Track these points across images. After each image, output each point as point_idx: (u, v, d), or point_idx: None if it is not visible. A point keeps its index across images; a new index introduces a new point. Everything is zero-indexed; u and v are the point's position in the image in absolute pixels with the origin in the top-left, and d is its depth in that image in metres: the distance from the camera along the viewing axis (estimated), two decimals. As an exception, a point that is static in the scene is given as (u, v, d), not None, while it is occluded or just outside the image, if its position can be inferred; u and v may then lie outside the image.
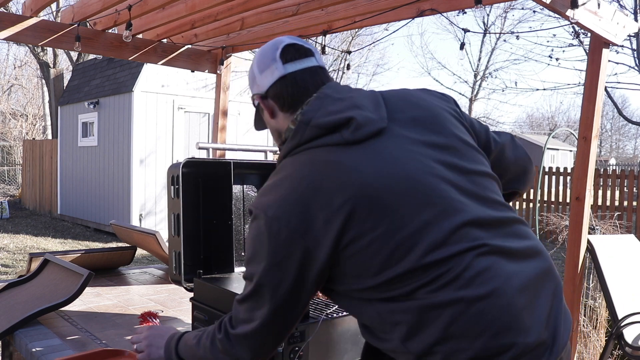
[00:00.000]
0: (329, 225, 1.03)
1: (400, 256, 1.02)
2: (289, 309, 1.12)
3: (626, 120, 9.35)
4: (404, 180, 1.05)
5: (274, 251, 1.07)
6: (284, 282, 1.08)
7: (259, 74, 1.23)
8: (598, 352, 3.46)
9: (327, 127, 1.11)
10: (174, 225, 1.77)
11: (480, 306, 1.00)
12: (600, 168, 13.38)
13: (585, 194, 2.69)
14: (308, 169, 1.09)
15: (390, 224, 1.03)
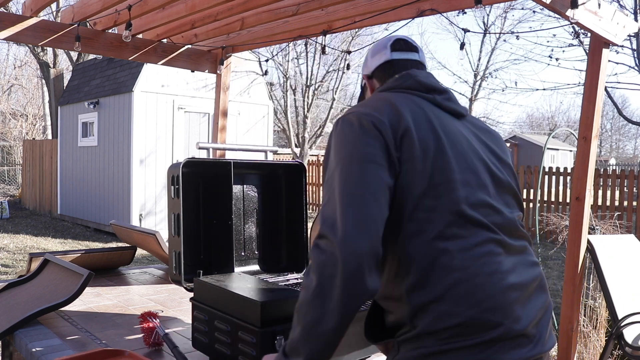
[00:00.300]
0: (404, 139, 1.17)
1: (442, 192, 1.15)
2: (372, 184, 1.12)
3: (626, 120, 9.34)
4: (462, 147, 1.24)
5: (361, 139, 1.16)
6: (367, 158, 1.13)
7: (371, 58, 1.47)
8: (598, 352, 3.46)
9: (426, 85, 1.32)
10: (174, 225, 1.77)
11: (481, 281, 1.11)
12: (600, 168, 13.39)
13: (585, 194, 2.69)
14: (405, 102, 1.25)
15: (441, 164, 1.17)
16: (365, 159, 1.13)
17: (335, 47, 13.33)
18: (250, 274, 1.97)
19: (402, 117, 1.19)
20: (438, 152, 1.18)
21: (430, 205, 1.14)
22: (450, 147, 1.21)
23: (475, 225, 1.16)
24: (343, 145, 1.18)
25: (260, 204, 2.12)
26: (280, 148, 17.20)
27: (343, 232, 1.06)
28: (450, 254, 1.12)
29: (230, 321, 1.51)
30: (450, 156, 1.19)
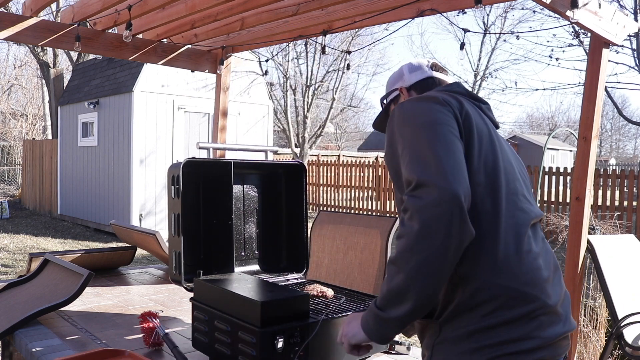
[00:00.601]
0: (466, 121, 1.29)
1: (490, 172, 1.25)
2: (455, 143, 1.21)
3: (626, 120, 9.34)
4: (508, 151, 1.38)
5: (435, 108, 1.26)
6: (442, 122, 1.23)
7: (409, 73, 1.58)
8: (598, 352, 3.46)
9: (471, 94, 1.45)
10: (174, 225, 1.77)
11: (520, 257, 1.20)
12: (600, 168, 13.39)
13: (585, 194, 2.69)
14: (456, 100, 1.34)
15: (493, 149, 1.30)
16: (444, 123, 1.23)
17: (335, 47, 13.33)
18: (250, 274, 1.97)
19: (462, 104, 1.32)
20: (490, 140, 1.31)
21: (479, 181, 1.23)
22: (497, 140, 1.34)
23: (521, 211, 1.28)
24: (418, 115, 1.27)
25: (260, 204, 2.12)
26: (280, 148, 17.19)
27: (444, 178, 1.11)
28: (497, 227, 1.21)
29: (230, 321, 1.51)
30: (497, 146, 1.32)
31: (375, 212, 12.42)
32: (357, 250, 2.61)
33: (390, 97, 1.63)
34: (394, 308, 1.15)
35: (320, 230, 2.81)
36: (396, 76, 1.63)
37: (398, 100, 1.60)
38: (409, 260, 1.11)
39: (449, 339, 1.19)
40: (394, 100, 1.62)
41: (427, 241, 1.09)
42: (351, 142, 37.85)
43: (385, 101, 1.65)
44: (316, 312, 1.62)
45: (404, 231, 1.13)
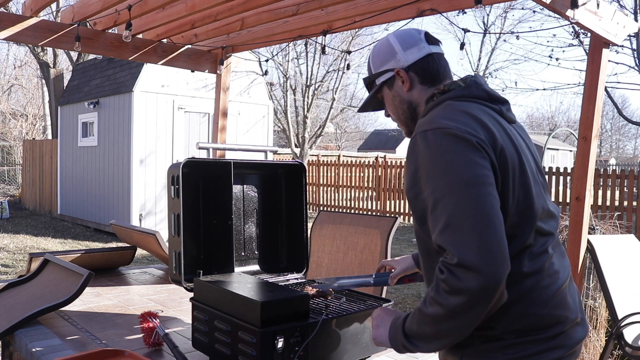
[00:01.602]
0: (501, 158, 1.19)
1: (524, 209, 1.21)
2: (495, 207, 1.13)
3: (626, 120, 9.34)
4: (527, 160, 1.28)
5: (471, 159, 1.15)
6: (482, 182, 1.13)
7: (403, 50, 1.40)
8: (598, 352, 3.46)
9: (492, 96, 1.33)
10: (174, 225, 1.77)
11: (546, 283, 1.22)
12: (600, 168, 13.38)
13: (585, 194, 2.69)
14: (485, 116, 1.25)
15: (522, 181, 1.22)
16: (485, 182, 1.14)
17: (335, 47, 13.32)
18: (250, 274, 1.97)
19: (494, 134, 1.21)
20: (521, 170, 1.23)
21: (515, 222, 1.20)
22: (526, 162, 1.26)
23: (542, 235, 1.25)
24: (453, 164, 1.15)
25: (260, 204, 2.12)
26: (280, 148, 17.20)
27: (489, 263, 1.08)
28: (522, 263, 1.20)
29: (230, 321, 1.51)
30: (527, 172, 1.24)
31: (375, 212, 12.42)
32: (357, 250, 2.61)
33: (382, 78, 1.43)
34: (422, 343, 1.21)
35: (320, 230, 2.81)
36: (386, 52, 1.43)
37: (394, 84, 1.42)
38: (442, 322, 1.15)
39: (483, 350, 1.23)
40: (388, 82, 1.43)
41: (465, 316, 1.12)
42: (351, 142, 37.85)
43: (376, 82, 1.45)
44: (316, 312, 1.62)
45: (439, 299, 1.13)
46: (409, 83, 1.39)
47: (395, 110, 1.46)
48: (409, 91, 1.40)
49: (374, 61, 1.46)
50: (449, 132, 1.18)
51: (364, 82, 1.51)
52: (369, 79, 1.48)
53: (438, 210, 1.14)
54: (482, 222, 1.10)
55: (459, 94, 1.31)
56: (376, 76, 1.45)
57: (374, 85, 1.48)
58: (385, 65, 1.42)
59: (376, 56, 1.46)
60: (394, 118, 1.49)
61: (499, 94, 1.36)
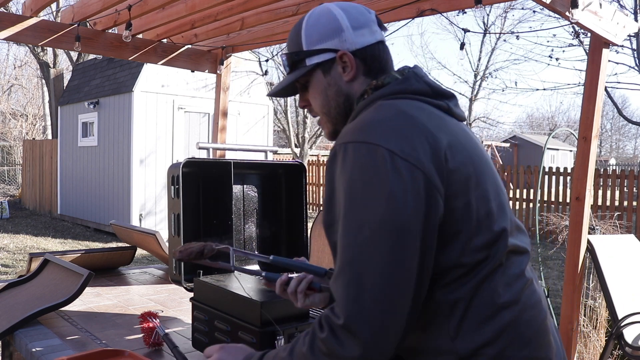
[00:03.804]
0: (447, 174, 0.95)
1: (486, 227, 0.98)
2: (413, 269, 0.90)
3: (626, 120, 9.35)
4: (487, 164, 1.06)
5: (398, 195, 0.89)
6: (407, 230, 0.89)
7: (352, 30, 1.10)
8: (598, 352, 3.46)
9: (435, 89, 1.08)
10: (174, 225, 1.77)
11: (528, 317, 1.00)
12: (600, 168, 13.40)
13: (585, 194, 2.69)
14: (421, 112, 1.00)
15: (481, 192, 1.00)
16: (408, 228, 0.89)
17: (335, 47, 13.33)
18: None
19: (438, 143, 0.95)
20: (477, 181, 0.99)
21: (478, 245, 0.97)
22: (481, 168, 1.02)
23: (517, 254, 1.03)
24: (370, 197, 0.90)
25: (260, 204, 2.12)
26: (280, 148, 17.20)
27: (379, 337, 0.89)
28: (496, 290, 0.97)
29: (230, 321, 1.51)
30: (485, 181, 1.01)
31: (375, 212, 12.39)
32: (357, 250, 2.60)
33: (317, 59, 1.12)
34: None
35: (320, 230, 2.81)
36: (327, 26, 1.11)
37: (331, 69, 1.12)
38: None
39: None
40: (324, 66, 1.12)
41: None
42: (351, 142, 37.79)
43: (306, 62, 1.13)
44: (316, 311, 1.62)
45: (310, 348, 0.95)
46: (353, 72, 1.11)
47: (325, 102, 1.14)
48: (350, 82, 1.12)
49: (308, 34, 1.12)
50: (375, 150, 0.92)
51: (285, 58, 1.16)
52: (297, 55, 1.13)
53: (340, 250, 0.93)
54: (390, 284, 0.88)
55: (394, 90, 1.06)
56: (308, 54, 1.12)
57: (300, 65, 1.14)
58: (324, 43, 1.10)
59: (312, 28, 1.12)
60: (319, 111, 1.17)
61: (441, 87, 1.11)
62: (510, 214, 1.06)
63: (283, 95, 1.23)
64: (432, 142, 0.95)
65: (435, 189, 0.92)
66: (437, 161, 0.94)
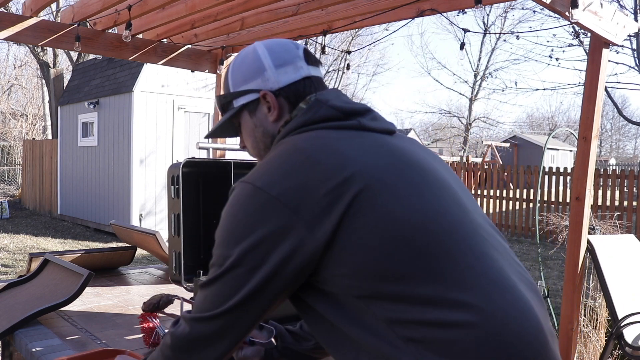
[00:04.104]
0: (330, 206, 0.90)
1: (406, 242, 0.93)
2: (255, 306, 0.94)
3: (626, 120, 9.35)
4: (418, 170, 0.98)
5: (257, 226, 0.92)
6: (262, 268, 0.91)
7: (274, 69, 1.09)
8: (598, 352, 3.46)
9: (345, 110, 1.03)
10: (174, 225, 1.77)
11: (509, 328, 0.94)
12: (600, 168, 13.41)
13: (585, 194, 2.69)
14: (311, 143, 0.97)
15: (396, 205, 0.92)
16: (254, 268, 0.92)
17: (335, 47, 13.33)
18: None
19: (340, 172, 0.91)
20: (391, 194, 0.91)
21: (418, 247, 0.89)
22: (418, 175, 0.97)
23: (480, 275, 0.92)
24: (231, 234, 0.95)
25: (260, 204, 2.12)
26: (280, 148, 17.18)
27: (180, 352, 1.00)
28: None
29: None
30: (423, 194, 0.94)
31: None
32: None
33: (242, 100, 1.12)
34: None
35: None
36: (251, 66, 1.11)
37: (257, 110, 1.11)
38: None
39: None
40: (250, 107, 1.12)
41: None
42: (351, 142, 37.79)
43: (234, 104, 1.13)
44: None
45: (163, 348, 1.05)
46: (277, 111, 1.09)
47: (254, 143, 1.15)
48: (276, 122, 1.10)
49: (234, 76, 1.13)
50: (244, 187, 0.97)
51: (218, 101, 1.17)
52: (225, 98, 1.15)
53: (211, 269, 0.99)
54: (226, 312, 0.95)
55: (298, 124, 1.04)
56: (234, 96, 1.13)
57: (229, 107, 1.15)
58: (248, 84, 1.11)
59: (237, 70, 1.13)
60: (252, 152, 1.18)
61: (355, 104, 1.07)
62: (463, 215, 0.97)
63: (225, 136, 1.24)
64: (317, 171, 0.92)
65: (301, 227, 0.90)
66: (317, 192, 0.90)
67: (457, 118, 30.88)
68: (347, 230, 0.89)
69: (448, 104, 53.64)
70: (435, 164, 1.04)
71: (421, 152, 1.05)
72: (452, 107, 39.41)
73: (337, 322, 0.92)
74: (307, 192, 0.90)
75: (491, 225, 1.04)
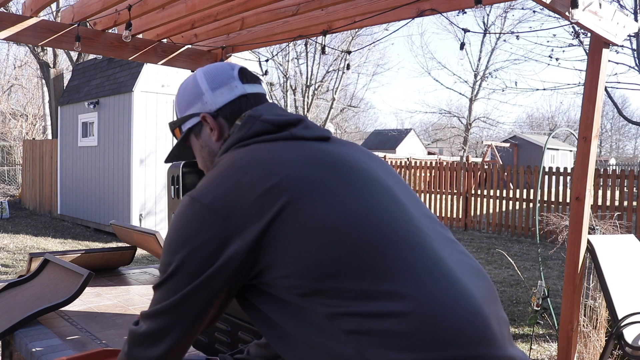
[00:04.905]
0: (259, 212, 0.95)
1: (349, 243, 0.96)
2: (195, 305, 1.01)
3: (626, 120, 9.36)
4: (351, 172, 1.03)
5: (193, 235, 0.98)
6: (199, 274, 0.98)
7: (211, 91, 1.17)
8: (598, 352, 3.46)
9: (277, 123, 1.10)
10: (174, 225, 1.77)
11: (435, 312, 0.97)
12: (600, 168, 13.41)
13: (585, 194, 2.69)
14: (244, 155, 1.04)
15: (330, 211, 0.96)
16: (191, 272, 0.99)
17: (335, 47, 13.33)
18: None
19: (272, 184, 0.96)
20: (315, 209, 0.95)
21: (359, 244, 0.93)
22: (348, 182, 1.00)
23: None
24: (171, 243, 1.02)
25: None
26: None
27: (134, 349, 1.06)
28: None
29: (230, 321, 1.51)
30: (354, 195, 0.98)
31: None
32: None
33: (188, 124, 1.21)
34: None
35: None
36: (191, 92, 1.20)
37: (201, 131, 1.20)
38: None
39: None
40: (195, 129, 1.21)
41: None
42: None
43: (181, 129, 1.23)
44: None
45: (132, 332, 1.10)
46: (217, 131, 1.17)
47: (203, 163, 1.26)
48: (218, 141, 1.18)
49: (179, 103, 1.23)
50: (184, 201, 1.02)
51: (170, 127, 1.28)
52: (174, 124, 1.25)
53: (155, 286, 1.06)
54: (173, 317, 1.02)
55: (234, 140, 1.11)
56: (181, 121, 1.22)
57: (180, 132, 1.24)
58: (190, 109, 1.20)
59: (181, 97, 1.22)
60: (205, 171, 1.29)
61: (288, 115, 1.13)
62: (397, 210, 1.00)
63: (183, 159, 1.35)
64: (246, 180, 0.98)
65: (233, 232, 0.96)
66: (246, 199, 0.96)
67: (457, 118, 30.90)
68: (279, 234, 0.94)
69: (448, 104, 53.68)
70: (372, 165, 1.09)
71: (358, 154, 1.10)
72: (452, 107, 39.41)
73: (283, 321, 0.97)
74: (237, 200, 0.97)
75: (430, 217, 1.07)
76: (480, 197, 10.96)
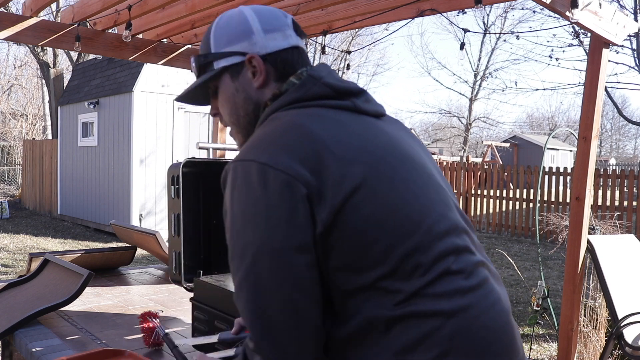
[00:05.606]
0: (340, 184, 0.87)
1: (405, 234, 0.90)
2: (303, 289, 0.87)
3: (626, 120, 9.36)
4: (409, 161, 0.98)
5: (272, 207, 0.86)
6: (290, 249, 0.86)
7: (263, 33, 1.03)
8: (598, 352, 3.46)
9: (339, 89, 1.00)
10: (174, 225, 1.77)
11: (483, 320, 0.93)
12: (600, 168, 13.41)
13: (585, 194, 2.69)
14: (316, 120, 0.94)
15: (396, 199, 0.91)
16: (287, 248, 0.86)
17: (335, 47, 13.33)
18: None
19: (328, 156, 0.88)
20: (388, 187, 0.90)
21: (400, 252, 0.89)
22: (408, 164, 0.96)
23: (455, 254, 0.93)
24: (247, 219, 0.88)
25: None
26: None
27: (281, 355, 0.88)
28: (434, 299, 0.89)
29: (231, 321, 1.51)
30: (403, 184, 0.93)
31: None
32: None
33: (225, 62, 1.05)
34: None
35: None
36: (237, 28, 1.05)
37: (240, 74, 1.05)
38: None
39: None
40: (232, 70, 1.06)
41: None
42: (351, 142, 37.78)
43: (214, 65, 1.07)
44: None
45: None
46: (263, 77, 1.04)
47: (234, 109, 1.08)
48: (261, 88, 1.05)
49: (218, 36, 1.06)
50: (249, 166, 0.89)
51: (195, 61, 1.09)
52: (204, 58, 1.07)
53: (232, 273, 0.93)
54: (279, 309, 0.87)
55: (291, 99, 1.00)
56: (216, 57, 1.06)
57: (208, 68, 1.08)
58: (233, 45, 1.04)
59: (221, 30, 1.06)
60: (228, 120, 1.11)
61: (349, 83, 1.04)
62: (448, 211, 0.97)
63: (193, 103, 1.17)
64: (319, 151, 0.89)
65: (312, 196, 0.87)
66: (320, 170, 0.88)
67: (457, 118, 30.91)
68: (346, 218, 0.87)
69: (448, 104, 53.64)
70: (419, 151, 1.04)
71: (407, 138, 1.04)
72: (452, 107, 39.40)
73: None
74: (321, 170, 0.88)
75: (457, 208, 1.04)
76: (480, 197, 10.96)
